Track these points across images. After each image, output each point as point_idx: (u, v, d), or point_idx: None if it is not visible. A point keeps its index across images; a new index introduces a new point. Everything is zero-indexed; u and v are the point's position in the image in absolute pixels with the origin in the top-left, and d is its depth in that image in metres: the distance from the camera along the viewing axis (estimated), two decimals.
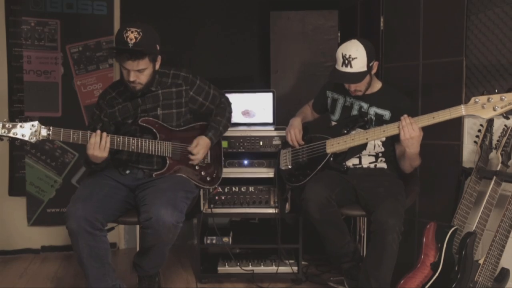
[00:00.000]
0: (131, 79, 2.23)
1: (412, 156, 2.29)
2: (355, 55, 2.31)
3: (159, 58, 2.32)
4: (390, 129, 2.27)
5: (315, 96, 2.76)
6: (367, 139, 2.37)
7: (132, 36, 2.16)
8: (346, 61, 2.32)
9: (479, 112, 2.07)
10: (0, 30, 3.24)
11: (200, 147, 2.44)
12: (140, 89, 2.31)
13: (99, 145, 2.15)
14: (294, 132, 2.59)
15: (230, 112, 2.67)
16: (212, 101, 2.59)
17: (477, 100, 2.07)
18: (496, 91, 2.07)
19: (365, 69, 2.34)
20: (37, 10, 3.24)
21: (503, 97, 2.02)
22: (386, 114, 2.46)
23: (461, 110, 2.10)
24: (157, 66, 2.34)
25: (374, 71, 2.43)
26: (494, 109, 2.03)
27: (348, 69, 2.33)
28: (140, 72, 2.24)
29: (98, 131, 2.16)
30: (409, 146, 2.21)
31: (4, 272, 3.09)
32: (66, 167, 3.38)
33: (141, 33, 2.17)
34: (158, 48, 2.28)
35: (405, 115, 2.21)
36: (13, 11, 3.25)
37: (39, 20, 3.25)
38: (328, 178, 2.41)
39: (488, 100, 2.04)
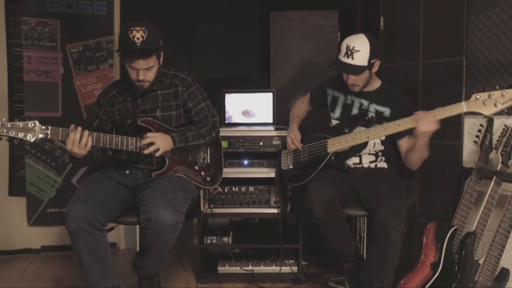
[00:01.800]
0: (141, 78, 2.24)
1: (423, 146, 2.26)
2: (358, 48, 2.32)
3: (162, 53, 2.32)
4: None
5: (312, 92, 2.74)
6: (368, 137, 2.38)
7: (139, 35, 2.16)
8: (349, 52, 2.33)
9: (480, 109, 2.07)
10: (0, 30, 3.24)
11: (157, 135, 2.27)
12: (148, 86, 2.31)
13: (78, 143, 2.13)
14: (294, 135, 2.60)
15: (209, 133, 2.44)
16: (197, 113, 2.46)
17: (478, 96, 2.07)
18: (497, 87, 2.07)
19: (365, 64, 2.34)
20: (37, 10, 3.24)
21: (504, 93, 2.02)
22: (386, 111, 2.46)
23: (462, 107, 2.10)
24: (161, 62, 2.34)
25: (375, 69, 2.43)
26: (495, 105, 2.03)
27: (349, 60, 2.34)
28: (148, 70, 2.25)
29: (79, 128, 2.14)
30: (422, 137, 2.20)
31: (4, 272, 3.09)
32: (66, 167, 3.38)
33: (146, 31, 2.18)
34: (162, 44, 2.29)
35: (419, 111, 2.20)
36: (13, 11, 3.25)
37: (39, 20, 3.25)
38: (331, 178, 2.42)
39: (489, 96, 2.04)
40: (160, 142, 2.26)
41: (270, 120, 3.09)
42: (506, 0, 2.30)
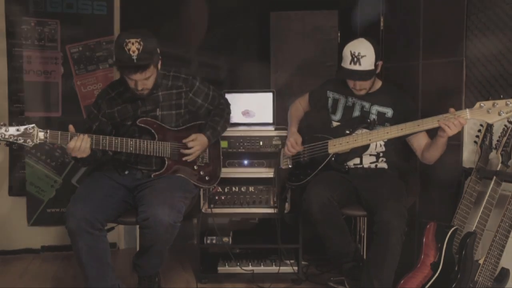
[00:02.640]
0: (140, 88, 2.23)
1: (445, 142, 2.25)
2: (364, 53, 2.31)
3: (160, 59, 2.31)
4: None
5: (311, 94, 2.73)
6: (370, 140, 2.37)
7: (134, 48, 2.13)
8: (355, 59, 2.32)
9: (484, 117, 2.08)
10: (0, 30, 3.24)
11: (197, 142, 2.43)
12: (148, 93, 2.31)
13: (78, 149, 2.14)
14: (294, 139, 2.58)
15: (229, 113, 2.66)
16: (212, 102, 2.59)
17: (482, 104, 2.08)
18: (502, 96, 2.09)
19: (373, 67, 2.34)
20: (37, 10, 3.24)
21: (509, 103, 2.04)
22: (389, 111, 2.46)
23: (466, 114, 2.11)
24: (159, 68, 2.33)
25: (378, 70, 2.43)
26: (499, 114, 2.05)
27: (356, 67, 2.33)
28: (147, 79, 2.24)
29: (81, 136, 2.14)
30: (446, 136, 2.19)
31: (4, 272, 3.09)
32: (66, 167, 3.37)
33: (141, 42, 2.14)
34: (158, 51, 2.27)
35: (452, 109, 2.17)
36: (13, 11, 3.25)
37: (39, 20, 3.25)
38: (330, 179, 2.41)
39: (494, 105, 2.06)
40: (201, 148, 2.46)
41: (270, 120, 3.09)
42: (506, 0, 2.30)
